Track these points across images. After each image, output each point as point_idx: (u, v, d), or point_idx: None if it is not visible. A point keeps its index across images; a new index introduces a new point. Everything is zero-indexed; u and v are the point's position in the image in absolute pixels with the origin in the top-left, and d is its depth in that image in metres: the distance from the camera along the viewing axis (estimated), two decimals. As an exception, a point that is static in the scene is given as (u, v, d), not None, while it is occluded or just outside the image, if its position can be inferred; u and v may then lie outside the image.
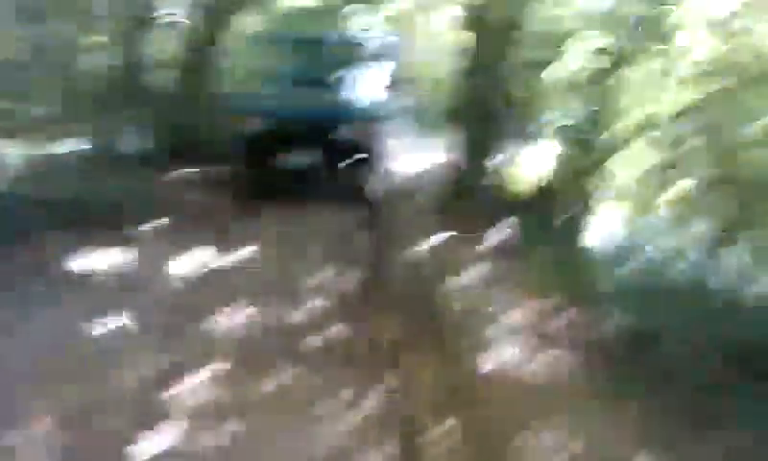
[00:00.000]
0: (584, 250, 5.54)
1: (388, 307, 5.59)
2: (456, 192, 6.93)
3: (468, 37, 7.58)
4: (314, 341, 4.98)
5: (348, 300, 5.92)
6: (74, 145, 8.55)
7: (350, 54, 8.61)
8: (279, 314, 5.33)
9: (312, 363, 4.60)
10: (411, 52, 14.03)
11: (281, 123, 7.44)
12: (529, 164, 7.77)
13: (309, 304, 5.59)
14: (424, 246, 6.15)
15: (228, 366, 4.34)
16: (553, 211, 6.38)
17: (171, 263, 5.79)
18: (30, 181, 7.07)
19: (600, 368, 3.54)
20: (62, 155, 8.15)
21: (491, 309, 4.53)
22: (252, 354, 4.52)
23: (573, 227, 6.09)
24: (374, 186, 8.07)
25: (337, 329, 5.26)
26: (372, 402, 4.22)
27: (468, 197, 6.66)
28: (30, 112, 9.26)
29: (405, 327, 5.23)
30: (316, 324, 5.31)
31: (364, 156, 7.44)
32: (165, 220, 6.58)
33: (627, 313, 4.05)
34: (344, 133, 7.41)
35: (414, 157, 10.10)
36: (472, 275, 5.19)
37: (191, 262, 5.88)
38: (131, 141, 9.13)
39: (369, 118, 7.56)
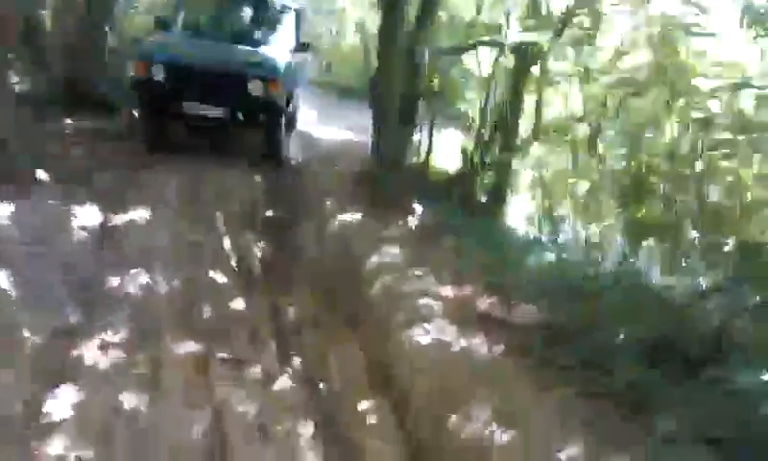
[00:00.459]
0: (497, 235, 5.63)
1: (301, 280, 5.44)
2: (373, 168, 6.83)
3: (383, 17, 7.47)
4: (216, 312, 4.78)
5: (255, 269, 5.74)
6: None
7: (265, 13, 8.50)
8: (181, 282, 5.05)
9: (215, 338, 4.40)
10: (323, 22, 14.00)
11: (189, 73, 7.18)
12: (449, 148, 7.84)
13: (210, 273, 5.36)
14: (341, 219, 6.03)
15: (117, 334, 4.07)
16: (467, 195, 6.45)
17: (57, 219, 5.32)
18: None
19: (519, 354, 3.58)
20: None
21: (408, 290, 4.47)
22: (142, 326, 4.25)
23: (486, 212, 6.18)
24: (285, 149, 8.02)
25: (243, 302, 5.07)
26: (284, 381, 4.10)
27: (385, 174, 6.58)
28: None
29: (319, 301, 5.11)
30: (218, 294, 5.09)
31: (273, 115, 7.42)
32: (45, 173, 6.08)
33: (542, 303, 4.12)
34: (253, 88, 7.24)
35: (332, 127, 10.02)
36: (390, 254, 5.13)
37: (79, 219, 5.45)
38: (23, 83, 8.35)
39: (280, 77, 7.43)
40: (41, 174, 6.16)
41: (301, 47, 8.44)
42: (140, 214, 5.65)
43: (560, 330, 3.72)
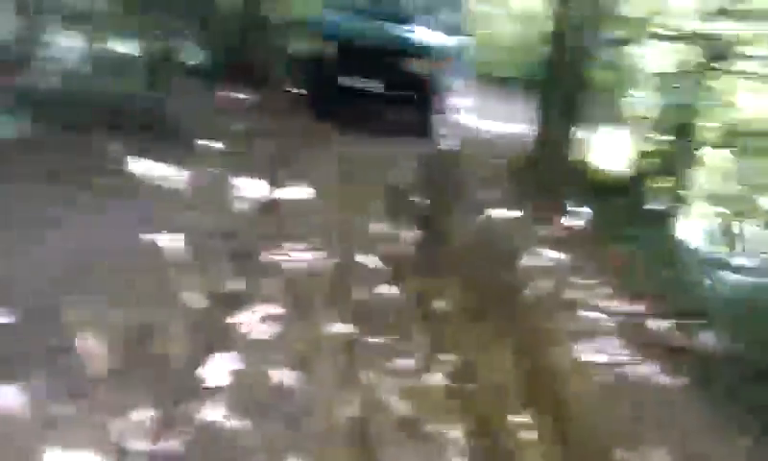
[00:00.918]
0: (672, 249, 5.12)
1: (451, 272, 5.25)
2: (532, 163, 6.51)
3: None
4: (367, 296, 4.70)
5: (405, 256, 5.62)
6: (131, 46, 8.17)
7: None
8: (331, 262, 5.02)
9: (365, 322, 4.31)
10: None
11: (351, 50, 7.70)
12: (611, 148, 7.30)
13: (361, 255, 5.29)
14: (495, 213, 5.76)
15: (275, 307, 4.06)
16: (635, 201, 5.95)
17: (226, 186, 5.48)
18: (85, 77, 6.70)
19: (703, 388, 3.16)
20: (119, 53, 7.77)
21: (571, 299, 4.14)
22: (299, 300, 4.22)
23: (658, 222, 5.66)
24: (442, 132, 8.12)
25: (391, 288, 4.95)
26: (433, 377, 3.92)
27: (543, 170, 6.23)
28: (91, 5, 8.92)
29: (470, 296, 4.89)
30: (368, 277, 5.01)
31: (427, 92, 7.73)
32: (212, 141, 6.29)
33: (723, 327, 3.65)
34: (410, 66, 7.63)
35: (486, 115, 9.76)
36: (549, 256, 4.80)
37: (240, 189, 5.57)
38: (190, 53, 8.75)
39: (435, 58, 7.79)
40: (206, 142, 6.41)
41: (460, 32, 8.78)
42: (298, 190, 5.68)
43: (752, 365, 3.26)
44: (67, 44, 6.84)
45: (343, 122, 7.95)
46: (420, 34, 8.11)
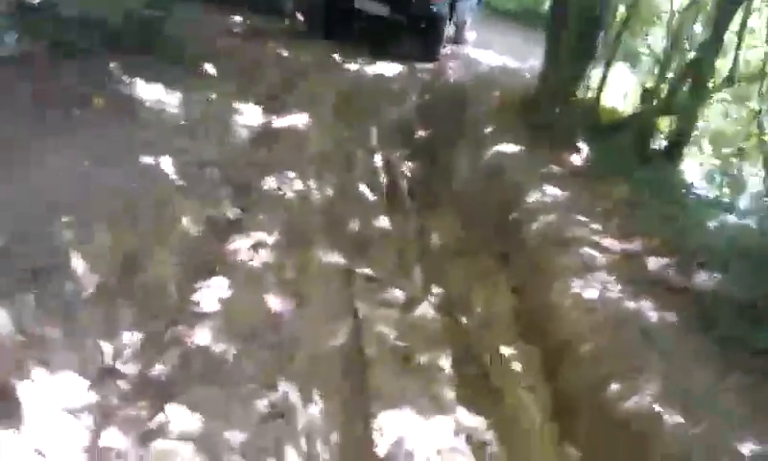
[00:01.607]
0: (674, 190, 5.03)
1: (450, 205, 5.20)
2: (538, 98, 6.36)
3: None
4: (363, 228, 4.67)
5: (404, 188, 5.57)
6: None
7: None
8: (332, 192, 4.97)
9: (360, 253, 4.30)
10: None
11: None
12: (621, 86, 7.11)
13: (360, 186, 5.23)
14: (498, 148, 5.66)
15: (268, 235, 4.02)
16: (641, 140, 5.81)
17: (225, 112, 5.37)
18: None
19: (698, 328, 3.14)
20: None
21: (569, 236, 4.09)
22: (294, 229, 4.19)
23: (662, 162, 5.54)
24: (451, 64, 8.31)
25: (389, 220, 4.92)
26: (425, 308, 3.92)
27: (551, 106, 6.09)
28: None
29: (467, 230, 4.86)
30: (366, 209, 4.97)
31: (432, 19, 7.99)
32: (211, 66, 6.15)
33: (721, 268, 3.61)
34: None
35: (497, 49, 9.57)
36: (551, 193, 4.73)
37: (242, 116, 5.47)
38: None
39: None
40: (209, 67, 6.26)
41: None
42: (300, 118, 5.57)
43: (750, 307, 3.23)
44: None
45: (349, 45, 7.95)
46: None
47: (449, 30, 8.85)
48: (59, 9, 5.88)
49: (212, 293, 3.40)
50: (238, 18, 8.15)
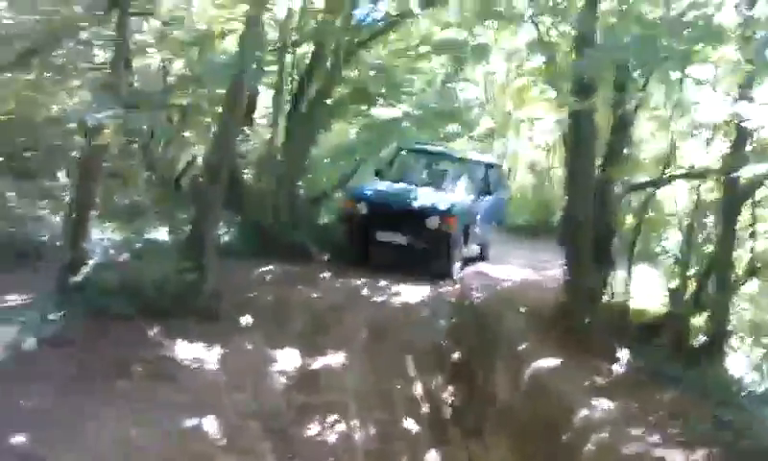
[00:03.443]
0: (719, 387, 4.87)
1: (497, 431, 5.04)
2: (567, 309, 6.42)
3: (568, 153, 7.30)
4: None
5: (447, 417, 5.45)
6: (165, 233, 8.54)
7: (458, 166, 10.40)
8: (375, 430, 4.88)
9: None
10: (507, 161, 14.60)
11: (383, 210, 8.95)
12: (646, 288, 7.20)
13: (403, 421, 5.14)
14: (536, 364, 5.61)
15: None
16: (680, 342, 5.76)
17: (256, 362, 5.45)
18: (123, 266, 6.92)
19: None
20: (155, 241, 8.12)
21: (630, 453, 3.91)
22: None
23: (703, 360, 5.43)
24: (473, 282, 8.79)
25: (437, 454, 4.76)
26: None
27: (581, 315, 6.13)
28: (126, 197, 9.45)
29: (518, 455, 4.66)
30: (413, 444, 4.84)
31: (447, 245, 8.80)
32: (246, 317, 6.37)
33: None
34: (430, 223, 8.73)
35: (505, 265, 9.88)
36: (599, 406, 4.60)
37: (277, 362, 5.54)
38: (225, 232, 9.11)
39: (454, 215, 8.89)
40: (242, 317, 6.48)
41: (488, 193, 10.14)
42: (335, 357, 5.64)
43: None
44: (106, 236, 7.16)
45: (373, 277, 8.43)
46: (442, 195, 9.34)
47: (471, 250, 9.65)
48: (98, 279, 6.26)
49: None
50: (269, 267, 8.55)
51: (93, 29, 7.74)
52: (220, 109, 7.73)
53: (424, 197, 9.27)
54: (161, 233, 8.47)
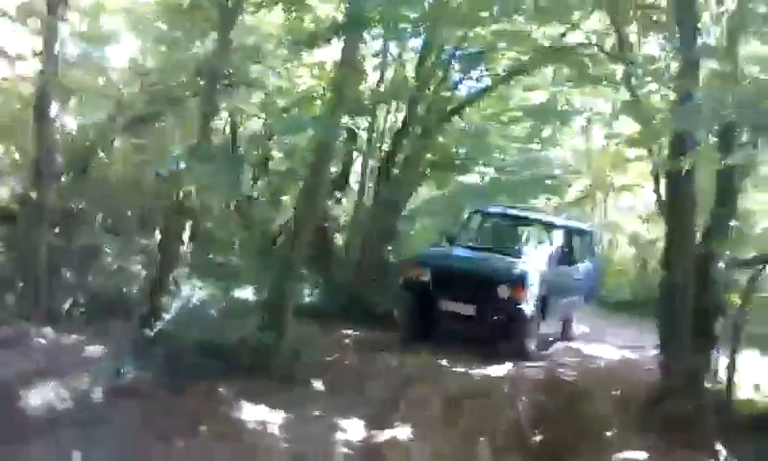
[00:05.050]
0: None
1: None
2: (662, 394, 5.88)
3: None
4: None
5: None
6: (252, 293, 8.70)
7: (532, 229, 9.77)
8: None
9: None
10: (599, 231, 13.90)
11: (448, 276, 8.15)
12: (749, 376, 6.49)
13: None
14: (628, 455, 5.11)
15: None
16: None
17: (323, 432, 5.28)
18: (205, 321, 7.05)
19: None
20: (240, 299, 8.27)
21: None
22: None
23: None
24: (555, 359, 8.18)
25: None
26: None
27: (678, 403, 5.58)
28: (221, 256, 9.77)
29: None
30: None
31: (517, 317, 7.88)
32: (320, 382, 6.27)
33: None
34: (500, 292, 7.87)
35: (606, 340, 9.29)
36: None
37: (344, 433, 5.35)
38: (308, 294, 9.17)
39: (527, 284, 7.96)
40: (317, 381, 6.38)
41: (574, 262, 9.25)
42: (404, 431, 5.39)
43: None
44: (191, 292, 7.33)
45: (439, 348, 7.93)
46: (514, 262, 8.46)
47: (550, 325, 8.78)
48: (175, 334, 6.38)
49: None
50: (351, 331, 8.46)
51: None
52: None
53: (496, 263, 8.38)
54: (249, 292, 8.66)
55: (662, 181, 6.80)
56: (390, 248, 10.32)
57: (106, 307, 6.97)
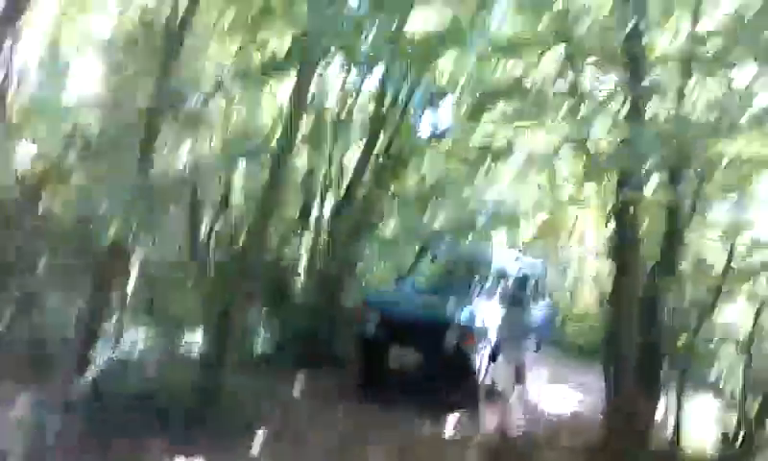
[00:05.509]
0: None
1: None
2: (608, 443, 5.75)
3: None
4: None
5: None
6: (199, 340, 8.35)
7: (484, 271, 9.12)
8: None
9: None
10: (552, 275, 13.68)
11: (395, 322, 7.84)
12: (701, 422, 6.38)
13: None
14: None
15: None
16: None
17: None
18: (148, 374, 6.74)
19: None
20: (185, 347, 7.94)
21: None
22: None
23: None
24: (505, 412, 7.83)
25: None
26: None
27: (622, 452, 5.45)
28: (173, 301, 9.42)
29: None
30: None
31: (467, 366, 7.54)
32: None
33: None
34: (448, 339, 7.54)
35: (555, 388, 9.10)
36: None
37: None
38: (259, 340, 8.89)
39: (476, 332, 7.66)
40: (255, 436, 6.14)
41: (527, 306, 8.97)
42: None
43: None
44: (128, 340, 7.04)
45: (392, 395, 7.69)
46: (464, 308, 7.98)
47: (501, 372, 8.42)
48: (106, 387, 6.08)
49: None
50: (302, 378, 8.19)
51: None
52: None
53: (445, 308, 7.90)
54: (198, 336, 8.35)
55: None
56: (346, 292, 10.10)
57: (39, 358, 6.67)
